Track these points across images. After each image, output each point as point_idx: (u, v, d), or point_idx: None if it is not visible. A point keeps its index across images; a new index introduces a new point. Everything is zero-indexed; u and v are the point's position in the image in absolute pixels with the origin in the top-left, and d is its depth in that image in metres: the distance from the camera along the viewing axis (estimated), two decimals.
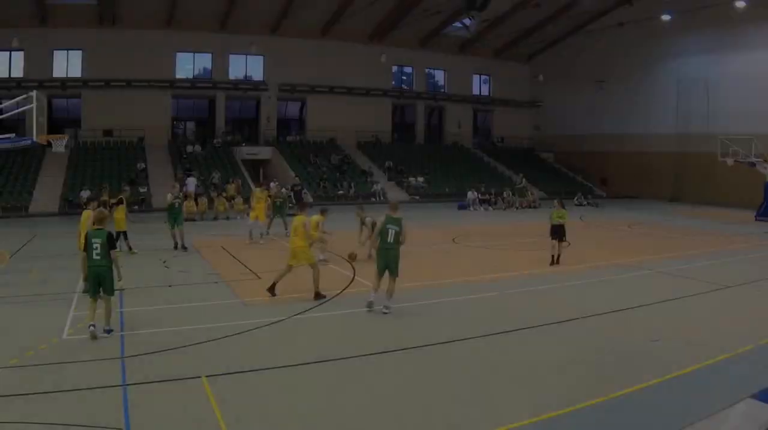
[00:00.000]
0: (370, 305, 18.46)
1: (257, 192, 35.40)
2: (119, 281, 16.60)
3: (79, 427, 10.42)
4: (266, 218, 34.90)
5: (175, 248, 30.04)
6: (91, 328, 15.35)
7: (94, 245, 15.69)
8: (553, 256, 26.00)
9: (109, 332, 15.74)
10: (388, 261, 18.69)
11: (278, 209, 36.73)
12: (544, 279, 23.75)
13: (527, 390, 12.37)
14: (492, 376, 13.22)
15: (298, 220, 20.54)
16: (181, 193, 32.83)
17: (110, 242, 15.89)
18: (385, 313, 18.19)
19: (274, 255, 27.35)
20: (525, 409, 11.30)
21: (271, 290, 20.18)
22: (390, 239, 18.73)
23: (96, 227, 16.27)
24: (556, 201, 27.40)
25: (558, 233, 25.91)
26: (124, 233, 28.50)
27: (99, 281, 15.79)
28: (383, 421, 10.99)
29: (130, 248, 28.72)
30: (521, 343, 15.63)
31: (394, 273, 18.68)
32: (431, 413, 11.27)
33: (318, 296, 19.92)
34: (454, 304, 19.60)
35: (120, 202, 28.96)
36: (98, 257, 15.66)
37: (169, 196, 30.93)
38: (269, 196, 37.00)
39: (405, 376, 13.16)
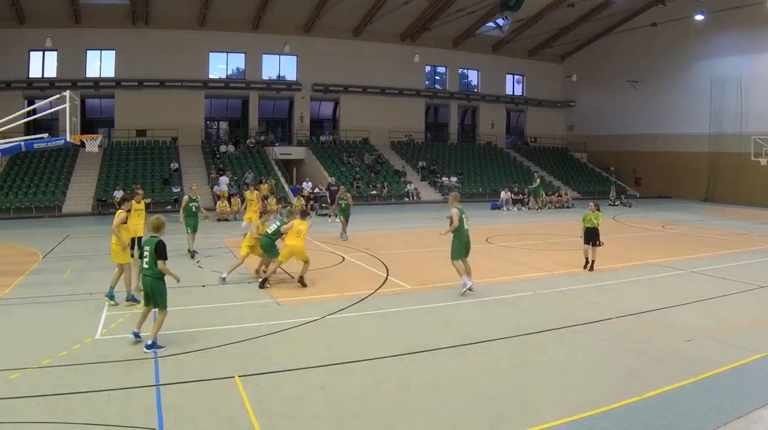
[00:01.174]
0: (466, 288, 20.16)
1: (247, 194, 35.44)
2: (177, 281, 15.83)
3: (112, 427, 10.43)
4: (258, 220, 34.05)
5: (189, 252, 29.03)
6: (136, 335, 14.94)
7: (145, 253, 14.98)
8: (587, 259, 25.36)
9: (150, 347, 14.55)
10: (468, 244, 20.70)
11: (343, 212, 35.93)
12: (577, 279, 23.58)
13: (560, 390, 12.23)
14: (525, 375, 13.10)
15: (305, 225, 22.02)
16: (197, 197, 31.58)
17: (158, 251, 14.82)
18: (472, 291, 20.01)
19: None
20: (558, 409, 11.21)
21: (263, 284, 21.32)
22: (466, 225, 20.73)
23: (153, 234, 15.35)
24: (591, 203, 26.36)
25: (591, 237, 25.11)
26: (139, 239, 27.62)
27: (148, 292, 15.02)
28: (417, 421, 10.87)
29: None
30: (555, 343, 15.48)
31: (468, 253, 20.73)
32: (464, 413, 11.14)
33: (302, 280, 21.57)
34: (488, 304, 19.47)
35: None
36: (146, 267, 14.93)
37: (185, 199, 30.25)
38: (264, 197, 36.85)
39: (439, 376, 13.02)
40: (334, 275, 24.20)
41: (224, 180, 54.94)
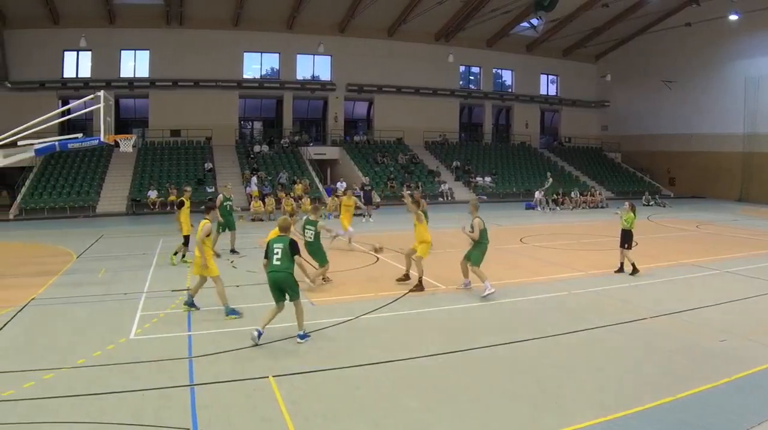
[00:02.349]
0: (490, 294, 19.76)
1: (344, 199, 34.90)
2: (312, 283, 17.60)
3: (146, 427, 10.47)
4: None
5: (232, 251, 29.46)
6: (257, 334, 14.95)
7: (275, 251, 15.47)
8: (621, 263, 24.71)
9: (303, 337, 15.40)
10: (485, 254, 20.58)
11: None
12: (611, 279, 23.44)
13: (595, 390, 12.20)
14: (559, 376, 13.03)
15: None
16: (231, 196, 31.44)
17: (293, 248, 15.61)
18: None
19: (339, 256, 27.41)
20: (592, 409, 11.18)
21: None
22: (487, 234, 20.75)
23: (281, 233, 16.11)
24: (626, 203, 25.72)
25: (624, 239, 24.49)
26: (186, 238, 27.07)
27: (280, 287, 15.45)
28: (451, 421, 10.84)
29: (183, 256, 27.12)
30: (589, 343, 15.46)
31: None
32: (499, 414, 11.14)
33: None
34: (522, 304, 19.46)
35: (182, 204, 27.83)
36: (278, 263, 15.37)
37: (220, 197, 30.31)
38: (298, 197, 36.81)
39: (472, 376, 13.02)
40: (369, 274, 24.27)
41: (255, 181, 55.05)
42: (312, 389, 12.25)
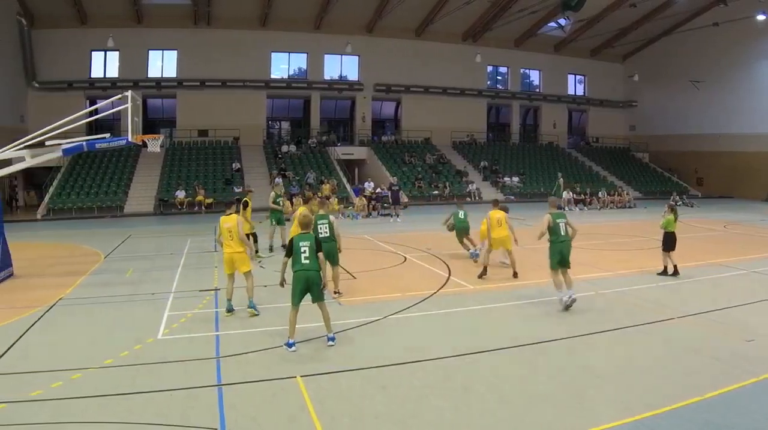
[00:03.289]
0: (570, 301, 18.47)
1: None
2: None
3: (174, 427, 10.49)
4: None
5: (270, 250, 29.70)
6: (291, 345, 14.64)
7: (302, 249, 15.04)
8: (665, 267, 24.14)
9: (332, 339, 15.11)
10: (564, 254, 19.20)
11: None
12: (638, 279, 23.33)
13: (620, 390, 12.11)
14: (585, 376, 12.96)
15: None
16: (282, 193, 31.92)
17: (318, 245, 15.30)
18: (575, 301, 18.48)
19: (366, 256, 27.75)
20: (618, 409, 11.11)
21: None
22: (563, 232, 19.40)
23: (303, 231, 15.65)
24: (667, 205, 25.61)
25: (666, 242, 24.04)
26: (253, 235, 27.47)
27: (308, 287, 14.98)
28: (478, 421, 10.80)
29: (256, 252, 27.29)
30: (616, 343, 15.35)
31: (567, 265, 19.23)
32: (525, 413, 11.09)
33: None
34: (549, 304, 19.25)
35: (246, 204, 27.28)
36: (307, 262, 14.96)
37: (272, 194, 30.75)
38: (326, 197, 36.82)
39: (500, 376, 12.95)
40: (396, 274, 24.28)
41: (279, 181, 54.11)
42: (339, 389, 12.22)
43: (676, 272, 23.50)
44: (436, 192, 63.60)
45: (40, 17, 61.33)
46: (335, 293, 19.75)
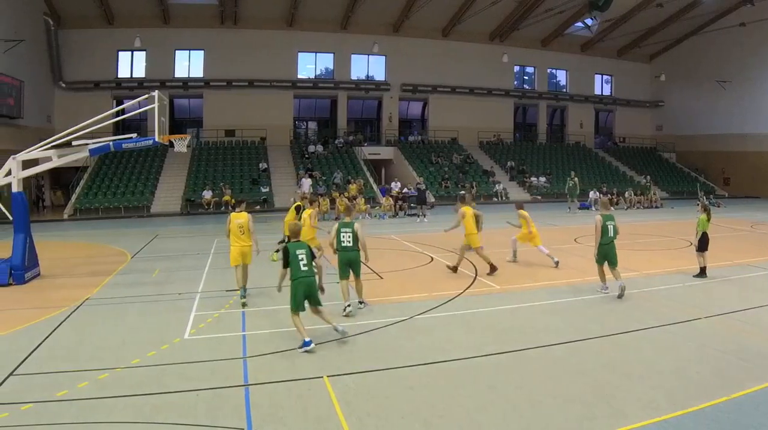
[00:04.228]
0: (605, 291, 20.61)
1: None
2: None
3: (200, 427, 10.53)
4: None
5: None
6: (308, 344, 14.55)
7: (300, 257, 15.16)
8: (701, 267, 23.85)
9: (340, 330, 15.35)
10: (610, 255, 20.62)
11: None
12: (665, 279, 23.25)
13: (647, 390, 12.00)
14: (612, 376, 12.88)
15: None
16: (306, 196, 30.90)
17: (312, 253, 15.66)
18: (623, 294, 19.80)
19: (393, 256, 27.75)
20: (645, 409, 11.06)
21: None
22: (610, 233, 20.64)
23: (294, 240, 15.89)
24: (700, 204, 25.23)
25: (699, 243, 23.73)
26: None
27: (311, 293, 15.24)
28: (505, 421, 10.77)
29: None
30: (642, 342, 15.23)
31: (614, 264, 20.66)
32: (552, 414, 11.03)
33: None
34: (575, 303, 19.37)
35: (298, 208, 26.81)
36: (306, 268, 15.12)
37: (292, 200, 30.45)
38: (353, 197, 36.69)
39: (525, 376, 12.90)
40: (423, 275, 24.23)
41: (306, 182, 54.79)
42: (366, 388, 12.20)
43: (703, 273, 23.32)
44: (462, 192, 62.65)
45: (67, 17, 61.72)
46: (360, 303, 19.00)
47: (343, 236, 18.68)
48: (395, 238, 34.82)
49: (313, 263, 15.54)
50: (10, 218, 24.05)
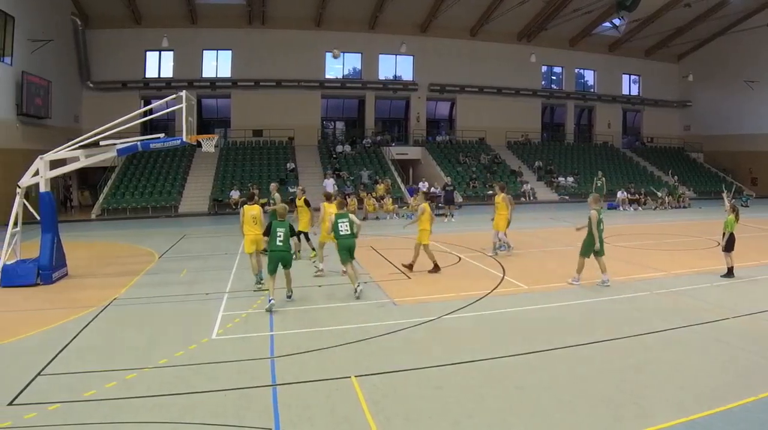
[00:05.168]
0: (604, 282, 21.55)
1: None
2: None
3: (228, 427, 10.49)
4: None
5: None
6: (271, 301, 18.06)
7: (278, 234, 18.84)
8: (729, 268, 23.66)
9: (289, 297, 19.52)
10: (602, 245, 21.72)
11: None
12: (693, 279, 23.01)
13: (675, 390, 11.91)
14: (640, 376, 12.77)
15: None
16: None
17: (291, 231, 19.53)
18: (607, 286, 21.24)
19: (420, 256, 27.01)
20: (673, 409, 10.96)
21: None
22: (601, 226, 21.80)
23: (279, 219, 19.19)
24: (727, 204, 24.59)
25: (726, 244, 23.45)
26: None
27: (283, 263, 18.99)
28: (533, 421, 10.68)
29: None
30: (670, 343, 15.10)
31: (602, 253, 21.78)
32: (580, 414, 10.95)
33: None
34: (604, 304, 19.24)
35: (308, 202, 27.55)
36: (281, 244, 18.84)
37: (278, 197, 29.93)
38: (380, 197, 36.75)
39: (553, 376, 12.81)
40: (451, 274, 24.11)
41: (329, 183, 54.50)
42: (393, 389, 12.14)
43: (730, 273, 23.13)
44: (490, 192, 61.96)
45: (95, 17, 62.35)
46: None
47: (341, 226, 20.52)
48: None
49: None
50: (38, 217, 24.16)
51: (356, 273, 20.55)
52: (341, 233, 20.34)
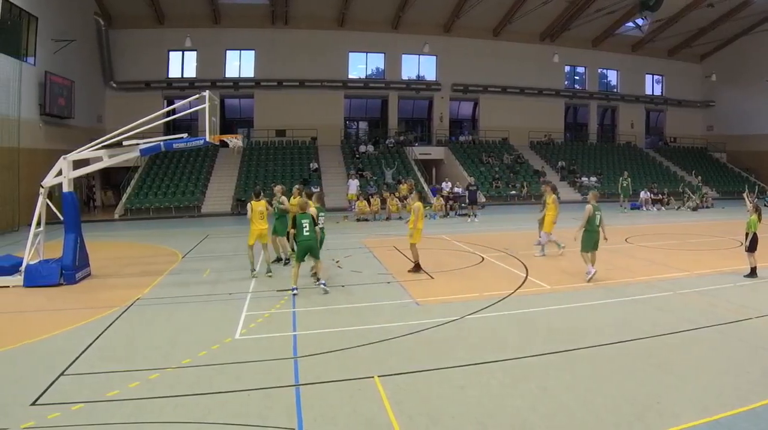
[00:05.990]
0: (590, 275, 22.33)
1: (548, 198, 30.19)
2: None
3: (251, 427, 10.49)
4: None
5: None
6: (295, 291, 20.12)
7: (304, 225, 20.52)
8: (752, 268, 23.55)
9: (323, 284, 20.80)
10: (596, 240, 22.78)
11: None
12: (717, 279, 22.89)
13: (698, 390, 11.89)
14: (662, 376, 12.72)
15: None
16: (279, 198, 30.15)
17: (313, 221, 20.94)
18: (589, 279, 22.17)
19: (444, 256, 27.71)
20: (696, 409, 10.94)
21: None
22: (597, 222, 22.69)
23: (301, 211, 20.90)
24: (752, 204, 24.38)
25: (749, 244, 23.36)
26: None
27: (309, 251, 20.74)
28: (556, 421, 10.68)
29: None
30: (693, 343, 15.07)
31: (596, 248, 22.95)
32: (603, 413, 10.92)
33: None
34: (627, 304, 19.16)
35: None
36: (308, 233, 20.56)
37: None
38: (404, 197, 36.83)
39: (576, 376, 12.79)
40: (474, 274, 24.15)
41: (354, 183, 54.56)
42: (417, 388, 12.14)
43: (753, 273, 23.01)
44: (513, 192, 63.80)
45: (118, 17, 62.72)
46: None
47: (305, 226, 21.07)
48: (446, 238, 34.81)
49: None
50: (61, 217, 24.25)
51: (296, 276, 20.98)
52: (304, 233, 20.91)
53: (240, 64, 70.09)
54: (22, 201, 40.18)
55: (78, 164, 24.77)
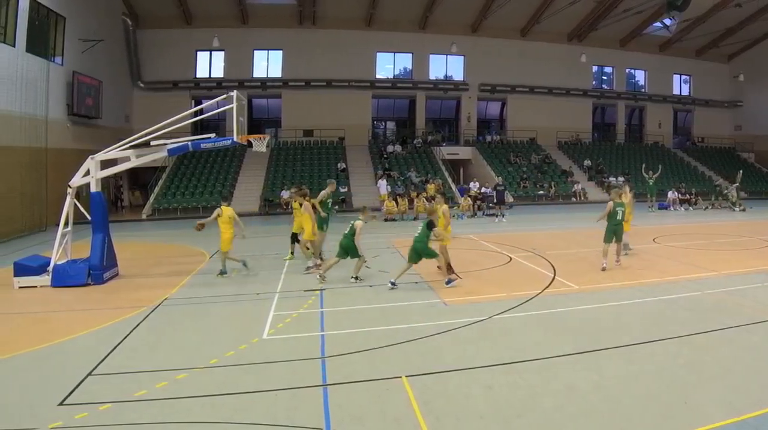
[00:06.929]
0: (603, 269, 23.92)
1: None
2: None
3: (279, 427, 10.51)
4: None
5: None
6: (317, 272, 22.94)
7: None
8: None
9: (356, 279, 22.55)
10: (617, 234, 24.68)
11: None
12: (745, 279, 22.66)
13: (725, 390, 11.78)
14: (690, 376, 12.66)
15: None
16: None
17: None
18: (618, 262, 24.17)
19: (472, 256, 27.75)
20: (723, 409, 10.85)
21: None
22: (619, 216, 24.62)
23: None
24: None
25: None
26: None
27: (346, 252, 22.46)
28: (583, 421, 10.64)
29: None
30: (720, 343, 14.92)
31: (621, 239, 25.08)
32: (630, 413, 10.86)
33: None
34: (654, 304, 19.05)
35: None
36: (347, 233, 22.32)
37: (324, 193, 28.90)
38: (431, 197, 36.87)
39: (605, 376, 12.73)
40: (501, 274, 24.16)
41: (383, 183, 55.24)
42: (444, 389, 12.10)
43: None
44: (541, 192, 63.78)
45: (146, 17, 63.13)
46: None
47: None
48: (474, 238, 34.79)
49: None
50: (89, 217, 24.46)
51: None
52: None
53: (267, 64, 70.37)
54: (50, 201, 40.35)
55: (105, 164, 24.92)
